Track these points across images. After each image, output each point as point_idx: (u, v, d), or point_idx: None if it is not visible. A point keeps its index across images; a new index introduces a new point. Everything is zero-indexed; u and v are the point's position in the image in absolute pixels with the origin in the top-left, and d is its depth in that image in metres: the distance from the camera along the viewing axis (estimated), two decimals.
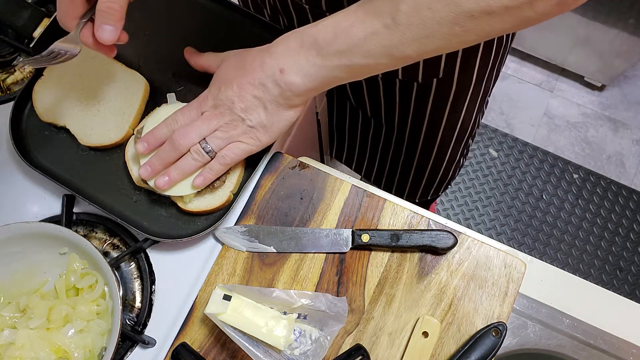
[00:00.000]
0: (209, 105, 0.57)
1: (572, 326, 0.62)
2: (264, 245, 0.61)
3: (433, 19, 0.44)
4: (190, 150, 0.57)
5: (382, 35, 0.47)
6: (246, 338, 0.54)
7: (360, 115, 0.91)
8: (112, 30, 0.50)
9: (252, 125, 0.56)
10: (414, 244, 0.59)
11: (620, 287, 1.57)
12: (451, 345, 0.57)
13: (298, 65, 0.52)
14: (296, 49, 0.52)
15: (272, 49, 0.54)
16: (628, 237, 1.62)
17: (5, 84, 0.72)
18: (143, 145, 0.59)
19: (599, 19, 1.48)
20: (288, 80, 0.53)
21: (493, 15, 0.43)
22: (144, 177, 0.59)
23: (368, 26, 0.48)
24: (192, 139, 0.57)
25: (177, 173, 0.58)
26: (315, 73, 0.52)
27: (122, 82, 0.66)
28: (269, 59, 0.53)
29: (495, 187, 1.69)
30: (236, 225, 0.62)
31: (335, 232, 0.61)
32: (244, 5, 0.79)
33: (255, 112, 0.56)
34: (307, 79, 0.52)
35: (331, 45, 0.50)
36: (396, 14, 0.45)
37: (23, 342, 0.54)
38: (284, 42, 0.53)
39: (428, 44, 0.47)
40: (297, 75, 0.52)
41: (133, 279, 0.63)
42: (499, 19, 0.43)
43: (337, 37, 0.49)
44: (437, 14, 0.44)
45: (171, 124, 0.59)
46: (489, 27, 0.44)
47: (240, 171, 0.63)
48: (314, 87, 0.53)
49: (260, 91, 0.54)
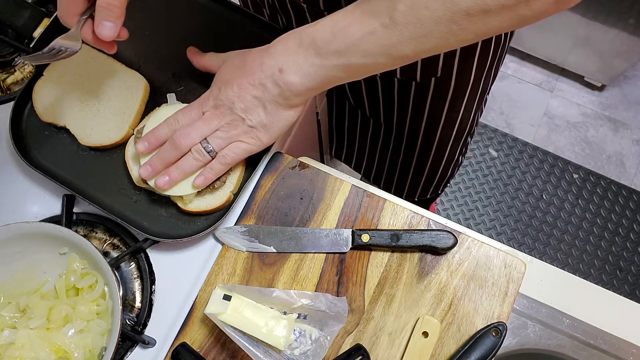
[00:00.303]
0: (209, 105, 0.58)
1: (572, 326, 0.62)
2: (264, 245, 0.61)
3: (430, 18, 0.44)
4: (192, 150, 0.58)
5: (380, 34, 0.47)
6: (246, 338, 0.54)
7: (359, 115, 0.91)
8: (112, 27, 0.51)
9: (252, 125, 0.57)
10: (413, 244, 0.59)
11: (620, 287, 1.57)
12: (451, 345, 0.57)
13: (297, 65, 0.52)
14: (295, 48, 0.52)
15: (271, 49, 0.54)
16: (628, 237, 1.62)
17: (5, 84, 0.72)
18: (144, 144, 0.59)
19: (599, 19, 1.48)
20: (287, 80, 0.53)
21: (490, 13, 0.43)
22: (144, 176, 0.59)
23: (366, 25, 0.48)
24: (193, 139, 0.57)
25: (178, 173, 0.58)
26: (314, 73, 0.52)
27: (122, 82, 0.66)
28: (268, 59, 0.54)
29: (495, 187, 1.69)
30: (236, 225, 0.62)
31: (335, 232, 0.61)
32: (244, 5, 0.79)
33: (255, 112, 0.56)
34: (306, 79, 0.52)
35: (329, 45, 0.50)
36: (393, 13, 0.46)
37: (23, 342, 0.54)
38: (283, 42, 0.53)
39: (426, 43, 0.47)
40: (295, 74, 0.52)
41: (133, 279, 0.63)
42: (496, 17, 0.43)
43: (335, 36, 0.50)
44: (434, 12, 0.44)
45: (172, 124, 0.59)
46: (486, 26, 0.44)
47: (241, 171, 0.63)
48: (312, 86, 0.53)
49: (259, 91, 0.54)
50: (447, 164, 0.99)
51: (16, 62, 0.73)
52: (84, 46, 0.67)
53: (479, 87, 0.80)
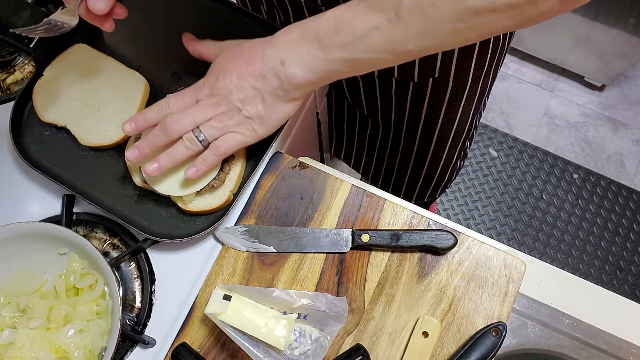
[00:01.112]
0: (205, 93, 0.56)
1: (572, 326, 0.62)
2: (264, 245, 0.61)
3: (436, 15, 0.44)
4: (183, 138, 0.56)
5: (385, 29, 0.47)
6: (246, 338, 0.54)
7: (358, 114, 0.91)
8: (105, 1, 0.50)
9: (248, 116, 0.56)
10: (414, 244, 0.59)
11: (620, 287, 1.57)
12: (451, 345, 0.57)
13: (299, 57, 0.52)
14: (297, 41, 0.52)
15: (274, 40, 0.54)
16: (628, 237, 1.62)
17: (5, 84, 0.72)
18: (130, 125, 0.57)
19: (599, 19, 1.48)
20: (288, 72, 0.52)
21: (496, 12, 0.43)
22: (130, 159, 0.57)
23: (371, 20, 0.47)
24: (185, 126, 0.56)
25: (168, 160, 0.57)
26: (316, 66, 0.52)
27: (122, 82, 0.66)
28: (270, 51, 0.53)
29: (495, 187, 1.69)
30: (236, 226, 0.62)
31: (336, 232, 0.61)
32: (242, 4, 0.79)
33: (253, 103, 0.55)
34: (308, 72, 0.52)
35: (333, 38, 0.50)
36: (399, 8, 0.45)
37: (23, 342, 0.54)
38: (286, 34, 0.53)
39: (430, 40, 0.47)
40: (297, 67, 0.52)
41: (133, 279, 0.62)
42: (502, 16, 0.43)
43: (339, 30, 0.49)
44: (440, 9, 0.44)
45: (163, 108, 0.57)
46: (492, 25, 0.44)
47: (240, 171, 0.63)
48: (313, 80, 0.53)
49: (259, 82, 0.54)
50: (444, 167, 0.99)
51: (16, 62, 0.73)
52: (84, 46, 0.68)
53: (477, 88, 0.79)
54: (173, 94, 0.58)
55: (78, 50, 0.68)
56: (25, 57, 0.73)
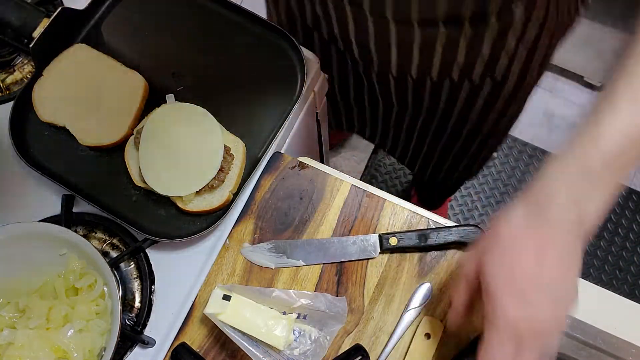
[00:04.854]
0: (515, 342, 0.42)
1: (572, 326, 0.61)
2: (293, 260, 0.60)
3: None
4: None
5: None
6: (246, 338, 0.54)
7: (366, 83, 0.85)
8: None
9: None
10: (442, 241, 0.58)
11: (620, 287, 1.57)
12: (451, 345, 0.57)
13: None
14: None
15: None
16: (627, 237, 1.62)
17: (5, 84, 0.72)
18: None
19: (599, 19, 1.48)
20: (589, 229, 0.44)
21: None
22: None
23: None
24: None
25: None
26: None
27: (122, 82, 0.66)
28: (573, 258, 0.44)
29: (494, 187, 1.69)
30: (261, 244, 0.61)
31: (362, 238, 0.60)
32: (275, 13, 0.77)
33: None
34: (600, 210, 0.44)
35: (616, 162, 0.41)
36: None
37: (22, 342, 0.54)
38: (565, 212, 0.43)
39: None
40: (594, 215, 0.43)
41: (132, 279, 0.63)
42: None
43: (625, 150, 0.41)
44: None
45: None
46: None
47: (240, 171, 0.63)
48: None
49: None
50: (475, 152, 0.95)
51: (16, 62, 0.73)
52: (84, 46, 0.68)
53: (529, 89, 0.81)
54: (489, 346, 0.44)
55: (78, 50, 0.68)
56: (24, 57, 0.73)
